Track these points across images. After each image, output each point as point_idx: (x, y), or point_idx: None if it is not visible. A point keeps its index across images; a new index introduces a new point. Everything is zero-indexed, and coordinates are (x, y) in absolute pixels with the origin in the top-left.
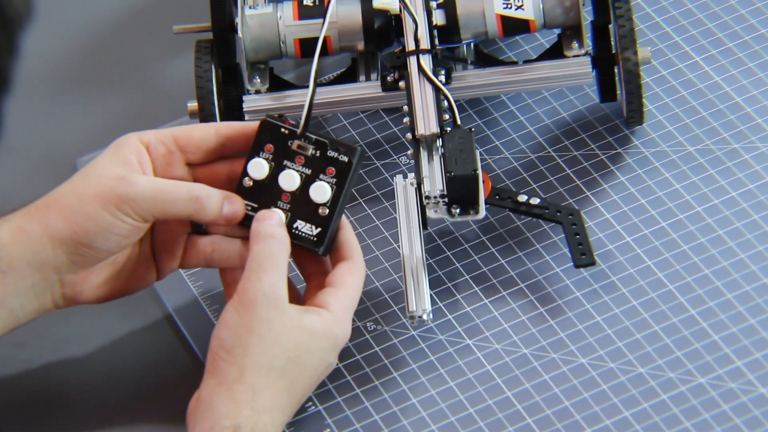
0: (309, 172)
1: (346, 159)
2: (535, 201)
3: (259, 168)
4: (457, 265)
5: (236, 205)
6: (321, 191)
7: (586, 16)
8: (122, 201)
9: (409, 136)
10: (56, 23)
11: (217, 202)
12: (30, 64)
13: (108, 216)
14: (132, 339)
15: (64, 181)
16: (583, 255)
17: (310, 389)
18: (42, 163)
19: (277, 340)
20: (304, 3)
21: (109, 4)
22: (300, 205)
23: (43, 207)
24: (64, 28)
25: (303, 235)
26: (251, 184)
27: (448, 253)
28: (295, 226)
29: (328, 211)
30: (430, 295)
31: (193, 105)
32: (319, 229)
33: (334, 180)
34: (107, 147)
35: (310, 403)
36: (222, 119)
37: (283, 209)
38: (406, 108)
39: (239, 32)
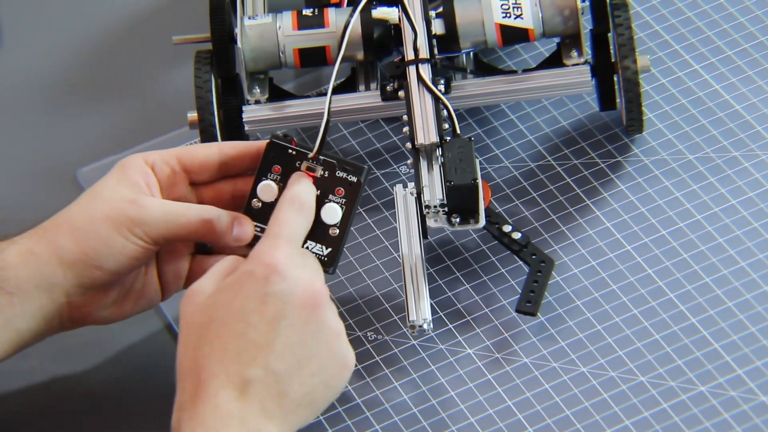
0: (318, 193)
1: (354, 179)
2: (516, 235)
3: (268, 190)
4: (458, 274)
5: (246, 227)
6: (332, 212)
7: (586, 24)
8: (134, 224)
9: (408, 145)
10: (55, 33)
11: (227, 225)
12: (29, 75)
13: (120, 238)
14: (132, 350)
15: (65, 192)
16: (528, 302)
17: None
18: (42, 175)
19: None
20: (304, 13)
21: (108, 15)
22: (310, 226)
23: (52, 228)
24: (64, 39)
25: (314, 255)
26: (260, 205)
27: (449, 262)
28: (305, 246)
29: (338, 231)
30: (431, 304)
31: (192, 115)
32: (329, 249)
33: (344, 200)
34: (106, 158)
35: None
36: (222, 130)
37: None
38: (405, 117)
39: (239, 42)
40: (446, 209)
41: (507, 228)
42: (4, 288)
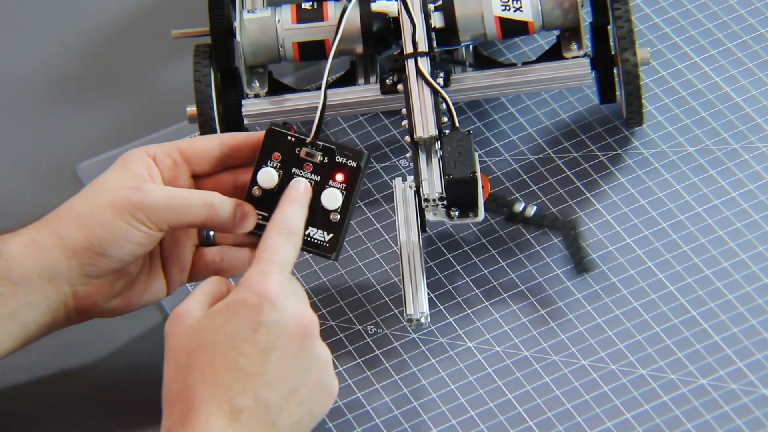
0: (318, 178)
1: (354, 164)
2: (531, 210)
3: (268, 177)
4: (458, 267)
5: (248, 213)
6: (333, 198)
7: (585, 17)
8: (137, 209)
9: (407, 138)
10: (54, 28)
11: (230, 209)
12: (28, 70)
13: (123, 224)
14: (133, 345)
15: (65, 187)
16: (582, 262)
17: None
18: (42, 170)
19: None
20: (303, 6)
21: (107, 10)
22: (311, 213)
23: (55, 219)
24: (63, 33)
25: (315, 241)
26: (260, 193)
27: (449, 256)
28: (307, 233)
29: (339, 216)
30: (431, 297)
31: (192, 110)
32: (331, 235)
33: (344, 186)
34: (106, 152)
35: None
36: (221, 123)
37: None
38: (404, 111)
39: (238, 36)
40: (445, 203)
41: (519, 207)
42: (8, 278)
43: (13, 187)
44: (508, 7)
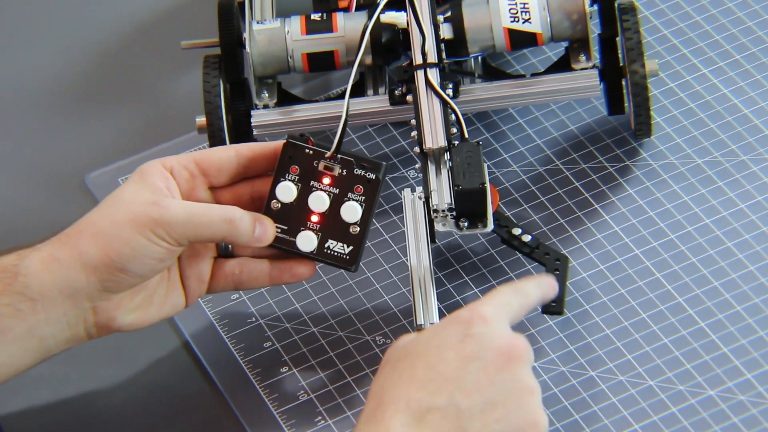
0: (337, 191)
1: (373, 176)
2: (526, 238)
3: (287, 192)
4: (466, 278)
5: (267, 227)
6: (352, 211)
7: (594, 29)
8: (157, 225)
9: (417, 149)
10: (64, 39)
11: (250, 225)
12: (37, 80)
13: (143, 240)
14: (149, 364)
15: (74, 197)
16: (553, 302)
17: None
18: (51, 180)
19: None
20: (312, 18)
21: (116, 20)
22: (331, 225)
23: (75, 234)
24: (72, 44)
25: (335, 254)
26: (279, 206)
27: (457, 267)
28: (326, 245)
29: (359, 229)
30: (439, 308)
31: (201, 120)
32: (351, 247)
33: (363, 198)
34: (115, 163)
35: (320, 418)
36: (230, 134)
37: (313, 230)
38: (413, 122)
39: (247, 47)
40: (454, 213)
41: (516, 231)
42: (27, 294)
43: (22, 197)
44: (517, 19)
